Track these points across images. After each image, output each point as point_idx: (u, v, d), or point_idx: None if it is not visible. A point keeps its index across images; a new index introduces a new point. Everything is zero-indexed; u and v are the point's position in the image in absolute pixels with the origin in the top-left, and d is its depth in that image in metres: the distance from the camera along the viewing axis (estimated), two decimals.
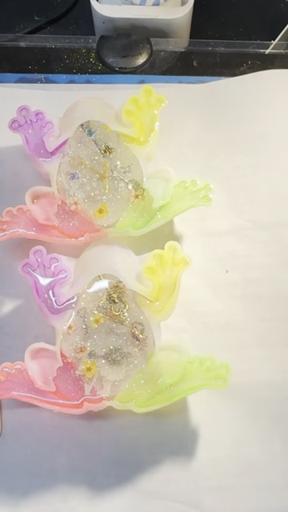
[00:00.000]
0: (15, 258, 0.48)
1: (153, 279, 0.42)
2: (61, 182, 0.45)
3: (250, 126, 0.52)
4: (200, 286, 0.48)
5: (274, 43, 0.56)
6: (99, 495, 0.42)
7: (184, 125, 0.52)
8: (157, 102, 0.46)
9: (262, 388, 0.45)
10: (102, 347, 0.41)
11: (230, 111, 0.53)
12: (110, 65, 0.55)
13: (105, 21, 0.56)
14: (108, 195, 0.45)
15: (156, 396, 0.41)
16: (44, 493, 0.42)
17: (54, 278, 0.42)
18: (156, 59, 0.57)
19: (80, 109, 0.46)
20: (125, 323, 0.42)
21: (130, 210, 0.45)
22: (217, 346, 0.46)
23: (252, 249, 0.49)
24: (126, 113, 0.45)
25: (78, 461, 0.43)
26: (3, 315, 0.47)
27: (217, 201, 0.49)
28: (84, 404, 0.41)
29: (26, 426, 0.44)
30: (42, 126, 0.46)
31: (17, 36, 0.57)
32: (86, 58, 0.57)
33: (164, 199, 0.45)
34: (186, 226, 0.49)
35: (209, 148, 0.52)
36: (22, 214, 0.44)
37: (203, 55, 0.57)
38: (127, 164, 0.45)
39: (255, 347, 0.46)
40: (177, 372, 0.41)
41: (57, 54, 0.57)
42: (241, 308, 0.47)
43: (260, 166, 0.51)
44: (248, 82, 0.53)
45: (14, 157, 0.51)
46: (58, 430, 0.44)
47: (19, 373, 0.41)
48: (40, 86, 0.55)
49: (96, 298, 0.42)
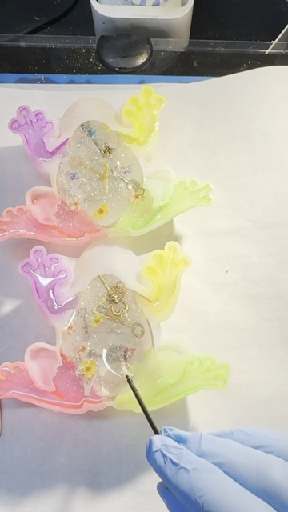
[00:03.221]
0: (15, 258, 0.48)
1: (153, 279, 0.42)
2: (61, 182, 0.45)
3: (250, 125, 0.52)
4: (200, 286, 0.48)
5: (274, 43, 0.56)
6: (99, 495, 0.42)
7: (184, 125, 0.52)
8: (157, 102, 0.46)
9: (262, 388, 0.45)
10: (102, 347, 0.41)
11: (229, 110, 0.53)
12: (110, 65, 0.55)
13: (105, 21, 0.56)
14: (108, 195, 0.45)
15: (156, 396, 0.41)
16: (44, 493, 0.42)
17: (54, 278, 0.42)
18: (156, 59, 0.57)
19: (80, 109, 0.46)
20: (125, 323, 0.42)
21: (130, 210, 0.45)
22: (217, 345, 0.46)
23: (252, 249, 0.49)
24: (126, 113, 0.45)
25: (78, 461, 0.43)
26: (3, 315, 0.47)
27: (217, 201, 0.49)
28: (84, 404, 0.41)
29: (26, 426, 0.44)
30: (42, 126, 0.46)
31: (17, 36, 0.57)
32: (86, 58, 0.57)
33: (164, 199, 0.45)
34: (186, 226, 0.49)
35: (209, 148, 0.52)
36: (22, 214, 0.44)
37: (203, 55, 0.57)
38: (127, 164, 0.45)
39: (255, 347, 0.46)
40: (177, 372, 0.41)
41: (57, 54, 0.57)
42: (241, 308, 0.47)
43: (260, 166, 0.51)
44: (247, 79, 0.53)
45: (14, 157, 0.51)
46: (58, 430, 0.44)
47: (19, 373, 0.41)
48: (40, 86, 0.55)
49: (96, 298, 0.42)
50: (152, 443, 0.29)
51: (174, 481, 0.27)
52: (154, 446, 0.28)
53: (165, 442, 0.28)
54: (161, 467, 0.28)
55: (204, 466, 0.27)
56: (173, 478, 0.27)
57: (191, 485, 0.26)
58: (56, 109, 0.49)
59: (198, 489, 0.26)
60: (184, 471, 0.27)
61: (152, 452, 0.28)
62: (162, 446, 0.28)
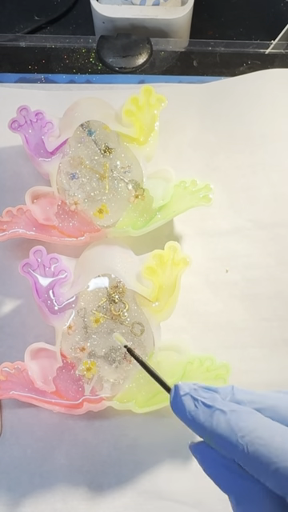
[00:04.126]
0: (15, 258, 0.48)
1: (153, 279, 0.42)
2: (61, 181, 0.45)
3: (250, 126, 0.52)
4: (200, 286, 0.48)
5: (274, 43, 0.56)
6: (99, 495, 0.42)
7: (184, 125, 0.52)
8: (157, 102, 0.46)
9: (263, 388, 0.45)
10: (102, 347, 0.41)
11: (230, 111, 0.53)
12: (110, 65, 0.55)
13: (105, 21, 0.56)
14: (108, 195, 0.45)
15: (156, 396, 0.41)
16: (44, 493, 0.42)
17: (54, 278, 0.42)
18: (156, 59, 0.57)
19: (80, 109, 0.46)
20: (125, 323, 0.42)
21: (130, 210, 0.45)
22: (217, 345, 0.46)
23: (252, 249, 0.49)
24: (126, 113, 0.45)
25: (78, 461, 0.43)
26: (3, 315, 0.47)
27: (217, 201, 0.49)
28: (84, 404, 0.41)
29: (25, 426, 0.44)
30: (42, 126, 0.46)
31: (17, 36, 0.57)
32: (85, 58, 0.57)
33: (164, 199, 0.45)
34: (186, 226, 0.49)
35: (209, 148, 0.52)
36: (21, 214, 0.44)
37: (203, 55, 0.57)
38: (127, 164, 0.45)
39: (255, 347, 0.46)
40: (177, 372, 0.41)
41: (57, 54, 0.57)
42: (241, 308, 0.47)
43: (260, 166, 0.51)
44: (248, 82, 0.53)
45: (14, 157, 0.51)
46: (57, 430, 0.44)
47: (19, 373, 0.41)
48: (40, 86, 0.55)
49: (96, 298, 0.42)
50: (179, 387, 0.25)
51: (209, 425, 0.23)
52: (181, 390, 0.25)
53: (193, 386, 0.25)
54: (191, 412, 0.24)
55: (243, 408, 0.23)
56: (207, 422, 0.23)
57: (231, 426, 0.23)
58: (56, 109, 0.49)
59: (240, 429, 0.22)
60: (220, 413, 0.23)
61: (179, 396, 0.24)
62: (192, 389, 0.25)
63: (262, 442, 0.21)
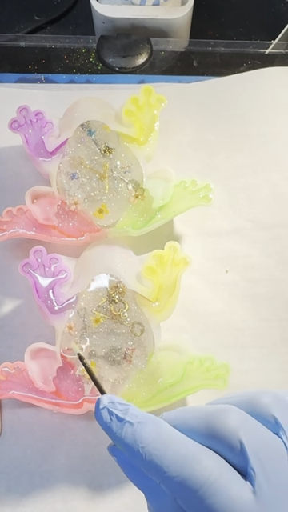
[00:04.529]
0: (15, 258, 0.48)
1: (153, 279, 0.42)
2: (61, 181, 0.45)
3: (250, 125, 0.52)
4: (200, 286, 0.48)
5: (274, 43, 0.56)
6: (99, 495, 0.42)
7: (184, 125, 0.52)
8: (157, 102, 0.46)
9: (262, 388, 0.45)
10: (102, 347, 0.41)
11: (230, 110, 0.53)
12: (110, 65, 0.55)
13: (105, 21, 0.56)
14: (108, 195, 0.45)
15: (156, 396, 0.41)
16: (44, 493, 0.42)
17: (54, 278, 0.42)
18: (156, 59, 0.57)
19: (80, 109, 0.46)
20: (125, 323, 0.42)
21: (130, 210, 0.45)
22: (217, 345, 0.46)
23: (252, 249, 0.49)
24: (126, 113, 0.45)
25: (78, 461, 0.43)
26: (3, 315, 0.47)
27: (217, 201, 0.49)
28: (84, 404, 0.41)
29: (25, 426, 0.44)
30: (42, 126, 0.46)
31: (17, 36, 0.57)
32: (85, 58, 0.57)
33: (164, 199, 0.45)
34: (186, 226, 0.49)
35: (209, 148, 0.52)
36: (21, 214, 0.44)
37: (203, 55, 0.57)
38: (127, 164, 0.45)
39: (255, 347, 0.46)
40: (177, 372, 0.41)
41: (57, 54, 0.57)
42: (241, 308, 0.47)
43: (260, 166, 0.51)
44: (248, 80, 0.53)
45: (14, 157, 0.51)
46: (57, 430, 0.44)
47: (19, 373, 0.41)
48: (40, 86, 0.55)
49: (96, 298, 0.42)
50: (99, 401, 0.29)
51: (119, 435, 0.27)
52: (101, 404, 0.28)
53: (112, 399, 0.28)
54: (107, 424, 0.28)
55: (149, 419, 0.27)
56: (118, 433, 0.27)
57: (135, 437, 0.26)
58: (56, 109, 0.49)
59: (141, 440, 0.26)
60: (129, 425, 0.27)
61: (99, 410, 0.28)
62: (109, 403, 0.28)
63: (157, 453, 0.25)
